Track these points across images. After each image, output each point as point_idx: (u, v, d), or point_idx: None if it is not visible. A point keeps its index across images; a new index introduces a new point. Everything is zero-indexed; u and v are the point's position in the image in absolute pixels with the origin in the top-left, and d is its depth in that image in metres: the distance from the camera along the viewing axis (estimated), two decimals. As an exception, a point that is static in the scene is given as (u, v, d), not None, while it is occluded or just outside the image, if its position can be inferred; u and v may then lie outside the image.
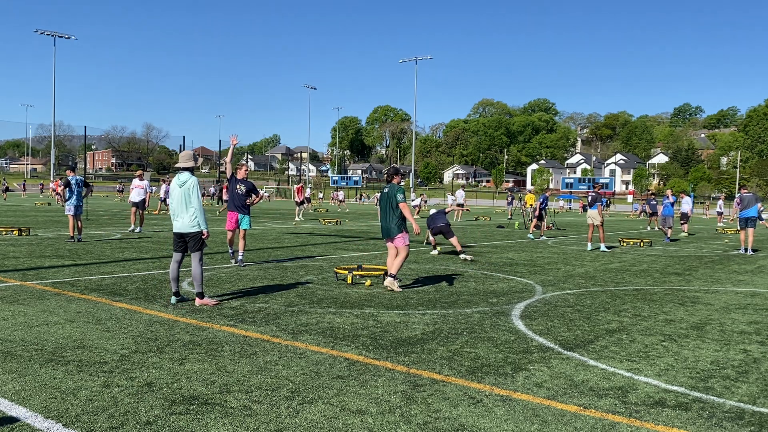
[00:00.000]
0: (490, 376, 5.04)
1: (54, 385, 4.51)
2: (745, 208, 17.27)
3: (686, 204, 25.99)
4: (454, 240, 14.30)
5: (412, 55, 72.39)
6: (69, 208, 15.16)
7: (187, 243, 7.64)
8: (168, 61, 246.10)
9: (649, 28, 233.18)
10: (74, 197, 15.29)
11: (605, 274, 11.95)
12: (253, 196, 11.56)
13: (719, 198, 46.21)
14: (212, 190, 57.60)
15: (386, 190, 9.39)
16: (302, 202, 30.74)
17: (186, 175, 7.64)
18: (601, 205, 17.18)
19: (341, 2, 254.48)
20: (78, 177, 15.77)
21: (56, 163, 67.28)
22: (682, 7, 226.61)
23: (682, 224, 25.75)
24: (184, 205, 7.57)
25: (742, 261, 15.31)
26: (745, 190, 17.54)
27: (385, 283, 9.16)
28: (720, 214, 40.20)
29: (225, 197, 11.61)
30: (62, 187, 15.70)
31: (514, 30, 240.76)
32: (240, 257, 11.54)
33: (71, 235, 15.11)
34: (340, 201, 53.08)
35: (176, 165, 7.83)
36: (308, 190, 48.73)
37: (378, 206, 9.46)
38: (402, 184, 9.58)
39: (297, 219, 29.06)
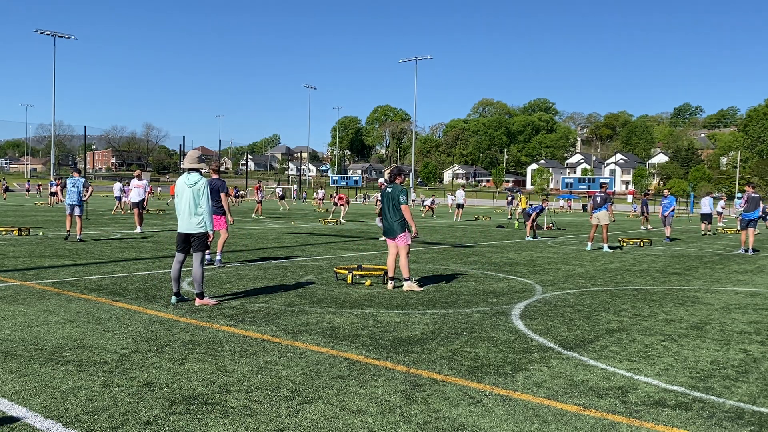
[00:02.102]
0: (490, 376, 5.04)
1: (54, 385, 4.51)
2: (750, 209, 17.17)
3: (705, 205, 25.59)
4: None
5: (412, 55, 72.43)
6: (66, 207, 15.72)
7: (191, 243, 7.64)
8: (168, 61, 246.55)
9: (649, 28, 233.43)
10: (69, 196, 15.67)
11: (605, 274, 11.95)
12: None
13: (720, 198, 46.13)
14: None
15: (389, 189, 9.44)
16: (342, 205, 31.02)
17: (196, 175, 7.63)
18: (611, 205, 17.13)
19: (341, 2, 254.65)
20: (77, 179, 15.93)
21: (56, 163, 67.24)
22: (682, 7, 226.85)
23: (707, 224, 25.24)
24: (193, 205, 7.56)
25: (742, 261, 15.31)
26: (752, 190, 17.14)
27: (404, 289, 9.19)
28: (720, 213, 40.16)
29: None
30: (62, 187, 16.13)
31: (514, 30, 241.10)
32: (218, 257, 11.55)
33: (67, 229, 15.70)
34: (320, 199, 47.22)
35: (183, 165, 7.83)
36: (280, 190, 48.14)
37: (379, 205, 9.53)
38: (404, 183, 9.63)
39: (341, 220, 29.32)
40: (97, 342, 5.73)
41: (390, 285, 9.31)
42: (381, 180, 17.78)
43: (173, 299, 7.70)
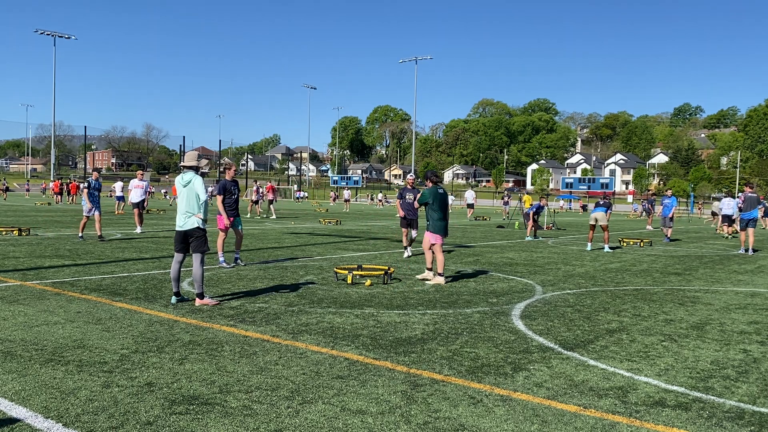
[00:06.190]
0: (490, 376, 5.04)
1: (54, 385, 4.51)
2: (747, 209, 17.20)
3: (728, 207, 25.24)
4: (414, 232, 14.34)
5: (412, 55, 72.52)
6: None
7: (189, 243, 7.63)
8: (168, 61, 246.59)
9: (648, 28, 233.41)
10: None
11: (605, 274, 11.95)
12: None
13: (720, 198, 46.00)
14: (211, 189, 57.43)
15: (440, 191, 10.38)
16: (273, 200, 31.01)
17: (190, 174, 7.65)
18: (610, 211, 17.70)
19: (341, 2, 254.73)
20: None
21: (56, 163, 67.21)
22: (682, 7, 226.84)
23: (728, 226, 24.91)
24: (188, 204, 7.57)
25: (742, 261, 15.31)
26: (750, 190, 17.18)
27: (436, 281, 10.10)
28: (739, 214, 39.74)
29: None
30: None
31: (514, 30, 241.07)
32: (237, 256, 11.60)
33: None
34: (299, 199, 38.51)
35: (182, 164, 7.87)
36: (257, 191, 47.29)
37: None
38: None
39: (272, 216, 29.54)
40: (97, 342, 5.73)
41: (427, 274, 10.31)
42: (409, 176, 15.10)
43: (173, 299, 7.70)
